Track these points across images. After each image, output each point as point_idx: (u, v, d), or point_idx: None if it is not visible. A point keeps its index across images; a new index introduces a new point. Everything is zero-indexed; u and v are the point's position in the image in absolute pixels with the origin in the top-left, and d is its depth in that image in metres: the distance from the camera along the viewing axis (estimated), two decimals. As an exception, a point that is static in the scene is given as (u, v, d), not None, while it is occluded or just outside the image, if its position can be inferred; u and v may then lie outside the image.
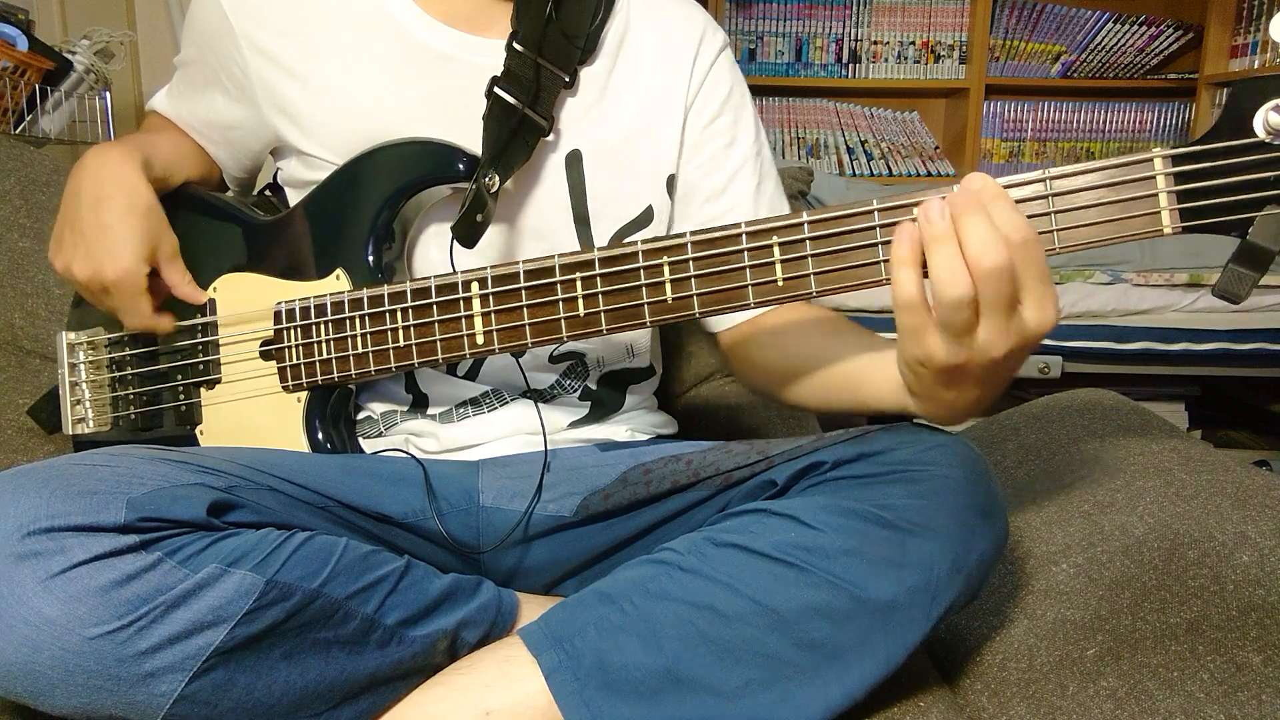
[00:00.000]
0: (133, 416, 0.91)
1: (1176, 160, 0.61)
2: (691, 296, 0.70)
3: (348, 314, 0.80)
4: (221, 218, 0.90)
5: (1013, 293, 0.58)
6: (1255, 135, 0.59)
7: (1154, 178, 0.61)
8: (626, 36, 0.90)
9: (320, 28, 0.85)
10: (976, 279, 0.57)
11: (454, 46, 0.85)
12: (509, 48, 0.82)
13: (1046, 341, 1.95)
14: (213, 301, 0.87)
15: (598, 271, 0.72)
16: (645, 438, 0.95)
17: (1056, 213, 0.62)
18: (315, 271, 0.84)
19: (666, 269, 0.69)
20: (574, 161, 0.87)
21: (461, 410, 0.89)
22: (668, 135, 0.90)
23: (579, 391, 0.92)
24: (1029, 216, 0.62)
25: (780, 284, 0.68)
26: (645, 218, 0.90)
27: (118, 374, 0.92)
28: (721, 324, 0.94)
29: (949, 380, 0.63)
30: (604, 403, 0.93)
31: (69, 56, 1.78)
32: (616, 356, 0.94)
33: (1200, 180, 0.60)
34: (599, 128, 0.88)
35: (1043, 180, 0.62)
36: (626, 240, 0.85)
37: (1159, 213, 0.61)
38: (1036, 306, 0.59)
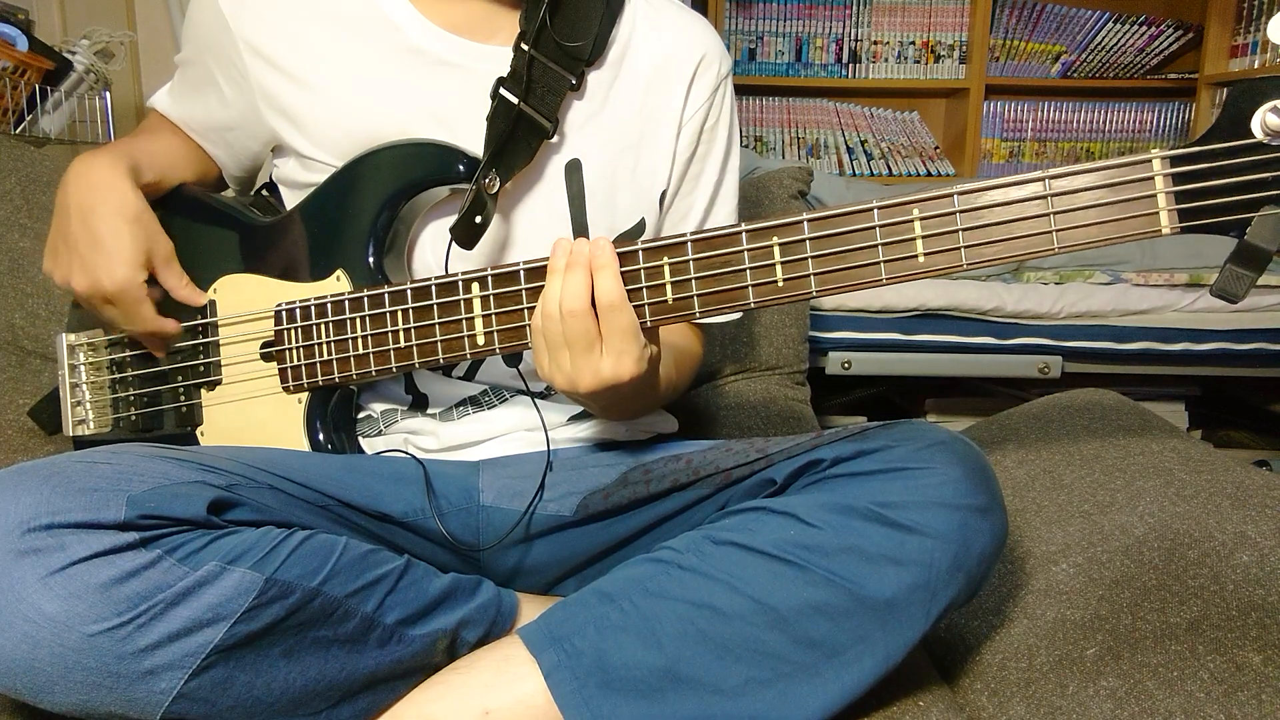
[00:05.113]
0: (133, 418, 0.91)
1: (1175, 161, 0.61)
2: (692, 297, 0.70)
3: (348, 314, 0.80)
4: (221, 219, 0.90)
5: (588, 339, 0.69)
6: (1253, 136, 0.60)
7: (1152, 178, 0.61)
8: (631, 44, 0.89)
9: (320, 31, 0.84)
10: (563, 316, 0.69)
11: (458, 54, 0.84)
12: (516, 49, 0.82)
13: (1046, 341, 1.96)
14: (213, 303, 0.87)
15: (597, 271, 0.72)
16: (645, 437, 0.95)
17: (1055, 213, 0.62)
18: (315, 273, 0.84)
19: (667, 269, 0.69)
20: (574, 170, 0.86)
21: (461, 409, 0.89)
22: (662, 152, 0.90)
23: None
24: (1028, 218, 0.62)
25: (780, 284, 0.68)
26: (638, 230, 0.90)
27: (118, 375, 0.92)
28: None
29: (568, 391, 0.73)
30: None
31: (69, 56, 1.77)
32: None
33: (1198, 181, 0.61)
34: (601, 136, 0.87)
35: (1042, 180, 0.62)
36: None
37: (1157, 213, 0.61)
38: (614, 358, 0.69)
